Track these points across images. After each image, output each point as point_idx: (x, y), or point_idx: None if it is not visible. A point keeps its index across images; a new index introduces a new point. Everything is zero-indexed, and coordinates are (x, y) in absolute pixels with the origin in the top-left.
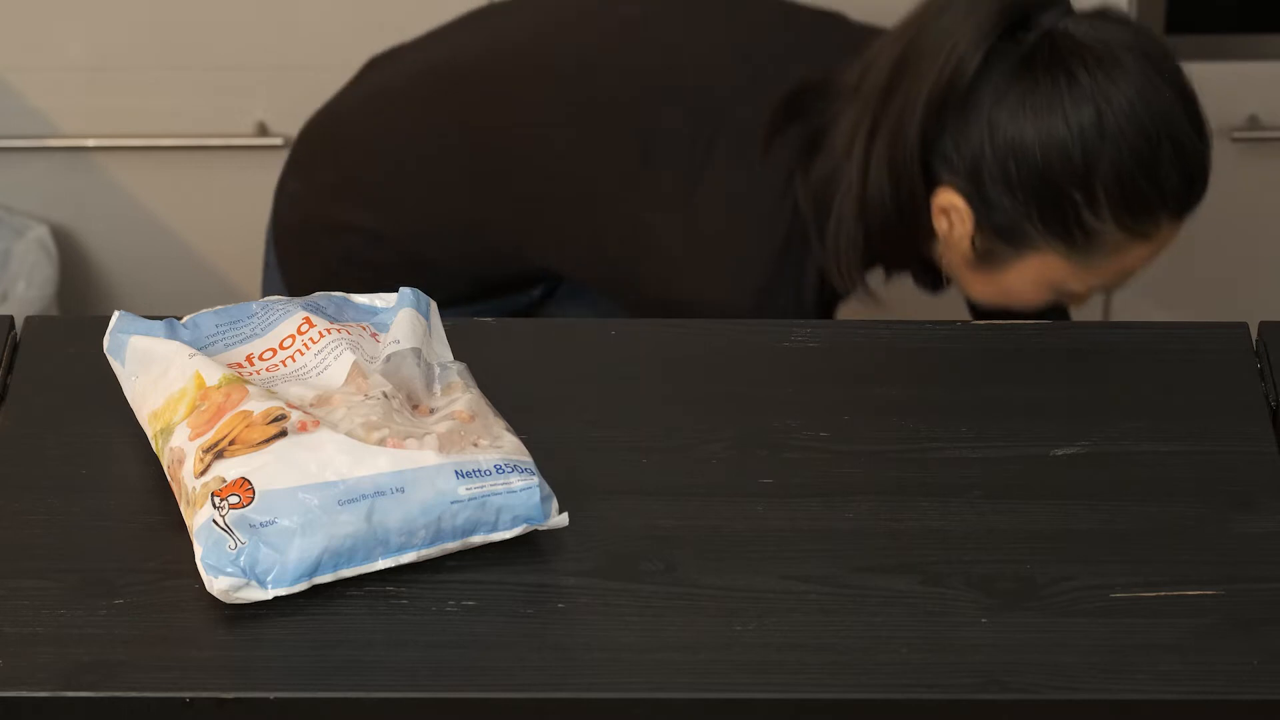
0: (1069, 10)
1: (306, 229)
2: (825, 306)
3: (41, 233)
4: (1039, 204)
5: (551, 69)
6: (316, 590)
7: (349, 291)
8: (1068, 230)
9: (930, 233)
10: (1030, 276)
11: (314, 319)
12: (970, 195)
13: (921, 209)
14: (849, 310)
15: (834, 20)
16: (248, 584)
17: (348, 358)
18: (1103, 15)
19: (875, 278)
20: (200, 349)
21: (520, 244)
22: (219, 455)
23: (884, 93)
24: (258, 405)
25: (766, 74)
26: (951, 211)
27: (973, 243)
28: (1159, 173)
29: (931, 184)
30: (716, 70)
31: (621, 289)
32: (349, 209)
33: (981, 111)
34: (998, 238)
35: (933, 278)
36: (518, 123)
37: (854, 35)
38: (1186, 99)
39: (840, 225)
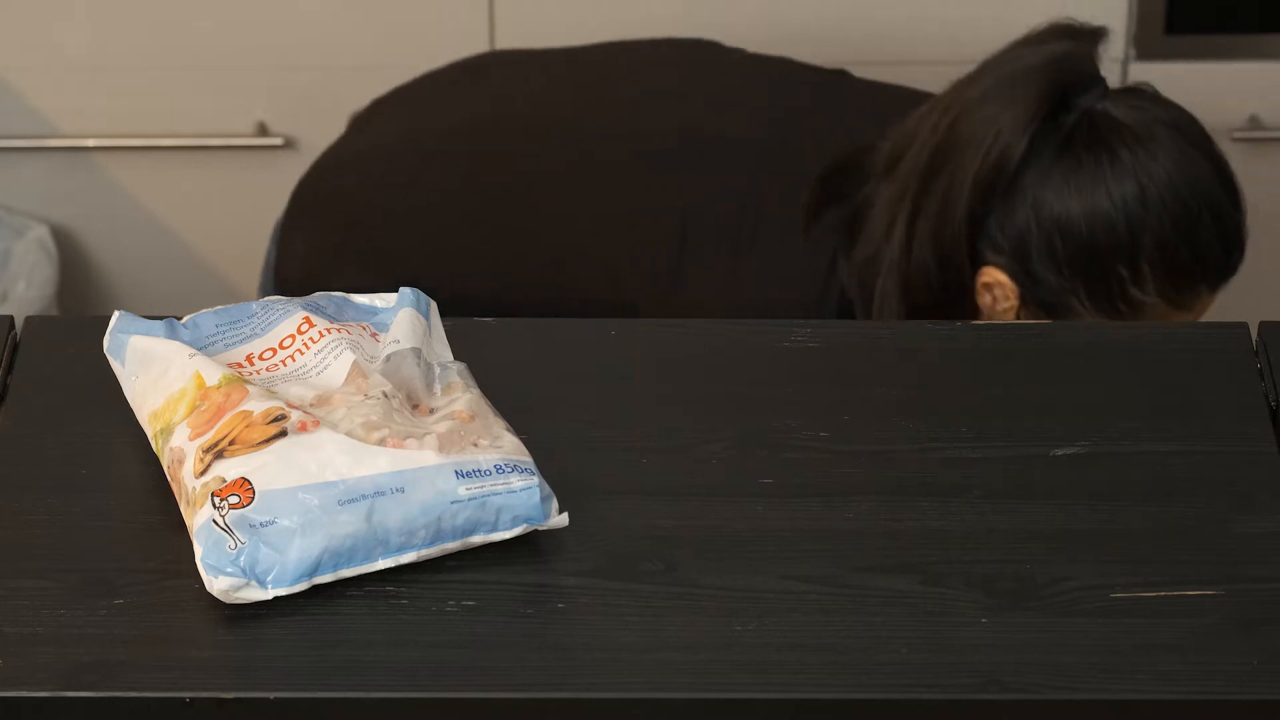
0: (1106, 91)
1: (309, 285)
2: None
3: (41, 233)
4: (1085, 279)
5: (574, 135)
6: (316, 590)
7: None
8: (1113, 304)
9: (973, 308)
10: None
11: (314, 318)
12: (1016, 273)
13: (967, 287)
14: None
15: (842, 77)
16: (248, 584)
17: (348, 357)
18: (1137, 93)
19: None
20: (200, 349)
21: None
22: (219, 455)
23: (924, 177)
24: (258, 405)
25: (795, 140)
26: (996, 288)
27: (1018, 318)
28: (1200, 242)
29: (975, 263)
30: (747, 141)
31: None
32: (351, 271)
33: (1026, 192)
34: (1043, 313)
35: None
36: (533, 194)
37: (862, 92)
38: (1221, 169)
39: (884, 304)
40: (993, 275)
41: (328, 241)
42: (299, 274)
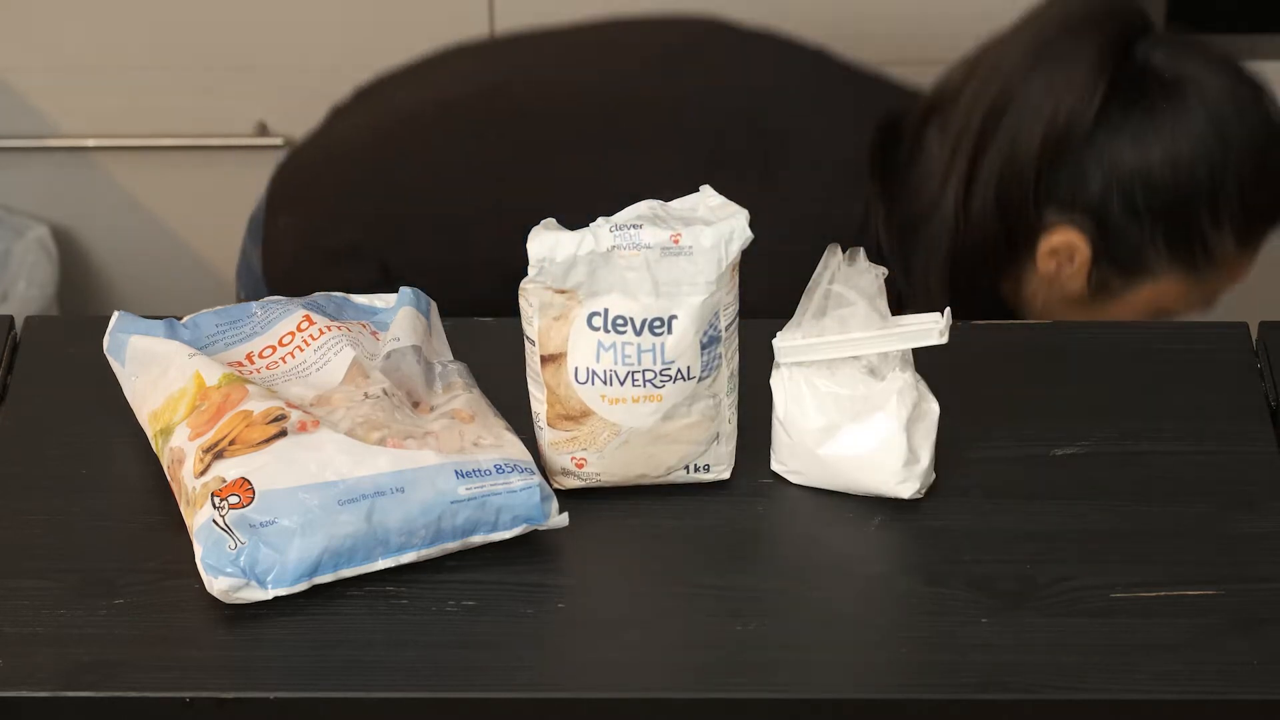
0: (1159, 38)
1: (299, 275)
2: None
3: (41, 233)
4: (1166, 228)
5: (583, 97)
6: (316, 590)
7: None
8: (1190, 251)
9: (1024, 275)
10: (1139, 305)
11: (314, 316)
12: (1091, 230)
13: (1025, 252)
14: None
15: (826, 57)
16: (248, 584)
17: (348, 354)
18: (1179, 36)
19: None
20: (200, 349)
21: None
22: (219, 455)
23: (980, 138)
24: (258, 405)
25: (809, 102)
26: (1064, 250)
27: (1089, 279)
28: (1273, 176)
29: (1039, 226)
30: (759, 106)
31: None
32: (350, 229)
33: (1098, 145)
34: (1116, 270)
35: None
36: (556, 150)
37: (847, 68)
38: (1274, 103)
39: (929, 264)
40: (1064, 236)
41: (320, 212)
42: (289, 248)
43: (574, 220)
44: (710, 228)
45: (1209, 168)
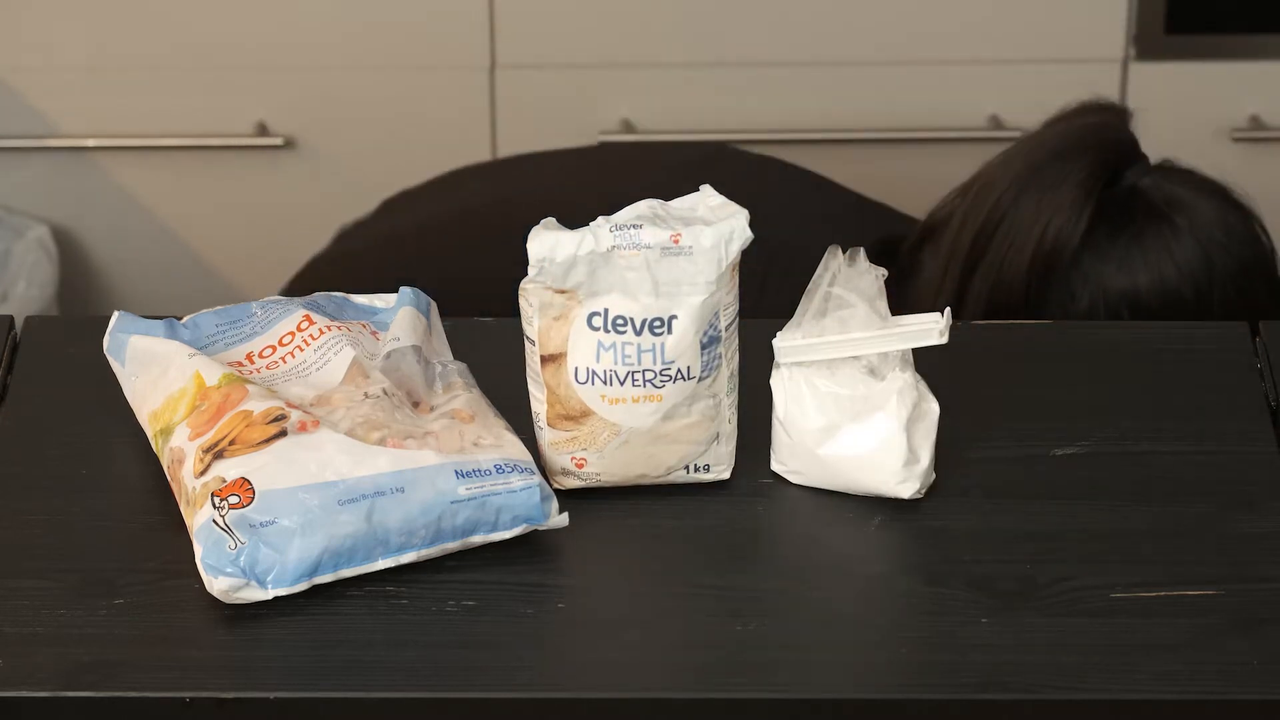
0: (1149, 166)
1: None
2: None
3: (41, 233)
4: None
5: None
6: (316, 590)
7: None
8: None
9: None
10: None
11: (314, 316)
12: None
13: None
14: None
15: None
16: (248, 584)
17: (348, 353)
18: (1170, 164)
19: None
20: (200, 349)
21: None
22: (219, 455)
23: (970, 260)
24: (258, 405)
25: (802, 218)
26: None
27: None
28: (1260, 299)
29: None
30: (755, 222)
31: None
32: None
33: (1083, 269)
34: None
35: None
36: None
37: (848, 193)
38: (1263, 227)
39: None
40: None
41: None
42: None
43: None
44: (710, 228)
45: (1195, 291)
